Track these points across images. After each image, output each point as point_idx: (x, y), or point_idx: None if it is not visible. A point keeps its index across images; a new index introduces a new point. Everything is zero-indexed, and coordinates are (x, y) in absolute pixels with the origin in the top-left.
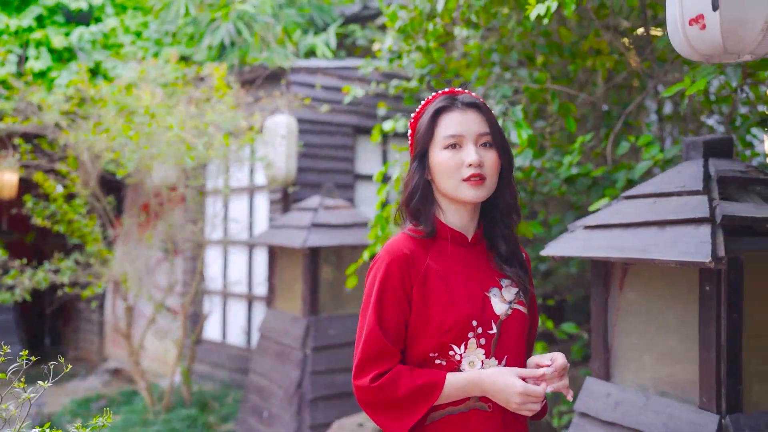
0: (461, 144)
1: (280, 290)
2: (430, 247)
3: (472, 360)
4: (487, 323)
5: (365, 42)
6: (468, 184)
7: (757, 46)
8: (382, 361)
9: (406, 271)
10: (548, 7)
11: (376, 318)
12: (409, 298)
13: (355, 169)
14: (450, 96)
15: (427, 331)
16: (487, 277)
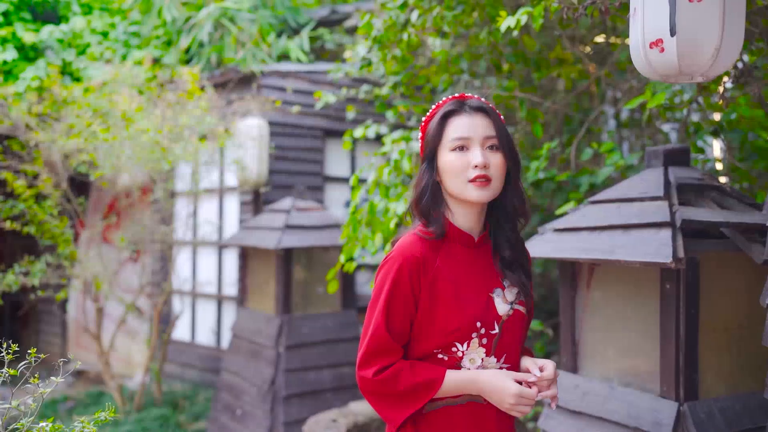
0: (468, 146)
1: (253, 290)
2: (439, 248)
3: (472, 357)
4: (490, 323)
5: (333, 46)
6: (474, 185)
7: (708, 69)
8: (386, 356)
9: (416, 273)
10: (518, 20)
11: (384, 316)
12: (417, 300)
13: (325, 171)
14: (458, 100)
15: (433, 330)
16: (491, 277)
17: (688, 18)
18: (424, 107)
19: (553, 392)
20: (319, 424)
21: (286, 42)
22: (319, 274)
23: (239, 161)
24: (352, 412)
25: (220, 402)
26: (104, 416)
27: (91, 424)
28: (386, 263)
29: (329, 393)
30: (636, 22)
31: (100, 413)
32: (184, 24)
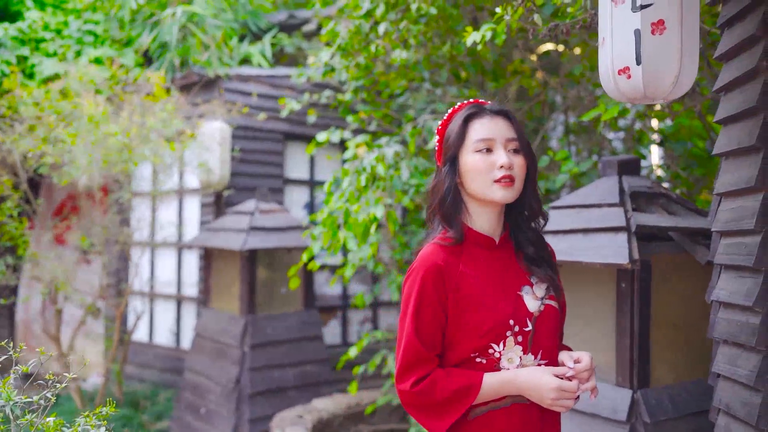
0: (492, 148)
1: (217, 291)
2: (461, 254)
3: (510, 357)
4: (523, 321)
5: (292, 50)
6: (499, 185)
7: (668, 94)
8: (420, 367)
9: (440, 281)
10: (483, 36)
11: (414, 328)
12: (445, 307)
13: (285, 173)
14: (478, 104)
15: (465, 334)
16: (517, 276)
17: (651, 49)
18: (384, 112)
19: (591, 384)
20: (285, 420)
21: (247, 47)
22: (282, 274)
23: (205, 164)
24: (316, 409)
25: (184, 401)
26: (106, 411)
27: (93, 418)
28: (410, 275)
29: (293, 391)
30: (605, 51)
31: (100, 408)
32: (147, 20)
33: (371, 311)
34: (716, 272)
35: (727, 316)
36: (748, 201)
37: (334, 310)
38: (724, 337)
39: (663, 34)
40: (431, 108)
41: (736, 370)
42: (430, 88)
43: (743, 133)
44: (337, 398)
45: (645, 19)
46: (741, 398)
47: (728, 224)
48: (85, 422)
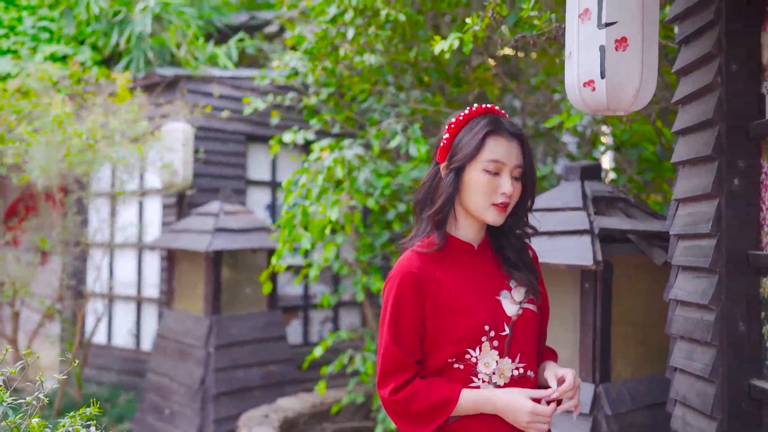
0: (500, 172)
1: (180, 292)
2: (439, 260)
3: (487, 361)
4: (500, 325)
5: (253, 51)
6: (495, 209)
7: (630, 106)
8: (399, 374)
9: (416, 288)
10: (451, 45)
11: (391, 334)
12: (422, 314)
13: (247, 175)
14: (497, 118)
15: (443, 341)
16: (496, 281)
17: (614, 64)
18: (347, 115)
19: (573, 403)
20: (252, 419)
21: (213, 48)
22: (246, 275)
23: (170, 165)
24: (282, 408)
25: (147, 403)
26: (89, 412)
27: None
28: (387, 283)
29: (258, 390)
30: (572, 64)
31: (84, 409)
32: (112, 17)
33: (333, 311)
34: (674, 272)
35: (683, 313)
36: (704, 207)
37: (295, 310)
38: (681, 334)
39: (626, 50)
40: (395, 111)
41: (692, 363)
42: (394, 92)
43: (700, 143)
44: (302, 397)
45: (609, 36)
46: (696, 390)
47: (686, 228)
48: (70, 423)
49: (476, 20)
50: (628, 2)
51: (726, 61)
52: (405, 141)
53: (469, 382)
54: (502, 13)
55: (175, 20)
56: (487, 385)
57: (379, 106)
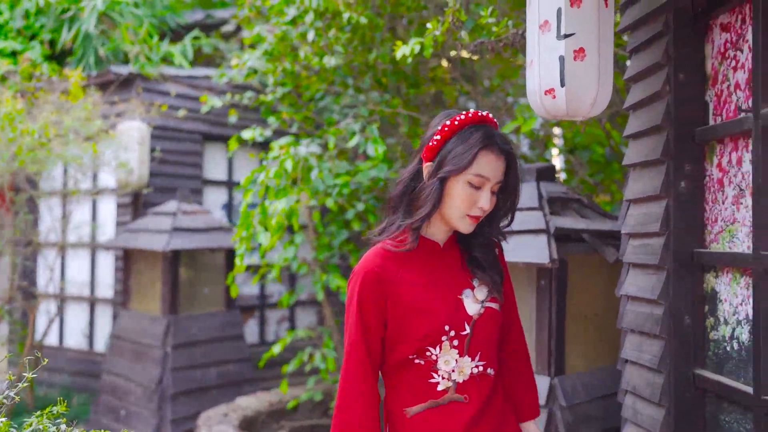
0: (482, 186)
1: (137, 292)
2: (403, 257)
3: (447, 359)
4: (460, 325)
5: (209, 50)
6: (469, 219)
7: (588, 113)
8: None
9: (379, 286)
10: (412, 49)
11: (356, 332)
12: (384, 312)
13: (203, 174)
14: (491, 131)
15: (404, 338)
16: (459, 279)
17: (573, 72)
18: (305, 114)
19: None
20: (212, 418)
21: (168, 46)
22: (204, 275)
23: (126, 164)
24: (241, 407)
25: (102, 404)
26: (56, 410)
27: (44, 419)
28: (351, 278)
29: (215, 390)
30: (533, 72)
31: (51, 407)
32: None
33: (289, 311)
34: (625, 270)
35: (634, 308)
36: (653, 207)
37: (252, 309)
38: (632, 327)
39: (584, 60)
40: (353, 112)
41: (641, 355)
42: (352, 93)
43: (649, 147)
44: (260, 396)
45: (568, 47)
46: (646, 380)
47: (636, 227)
48: (37, 422)
49: (436, 25)
50: (585, 15)
51: (673, 71)
52: (363, 141)
53: (429, 377)
54: (461, 18)
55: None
56: (446, 382)
57: (337, 107)
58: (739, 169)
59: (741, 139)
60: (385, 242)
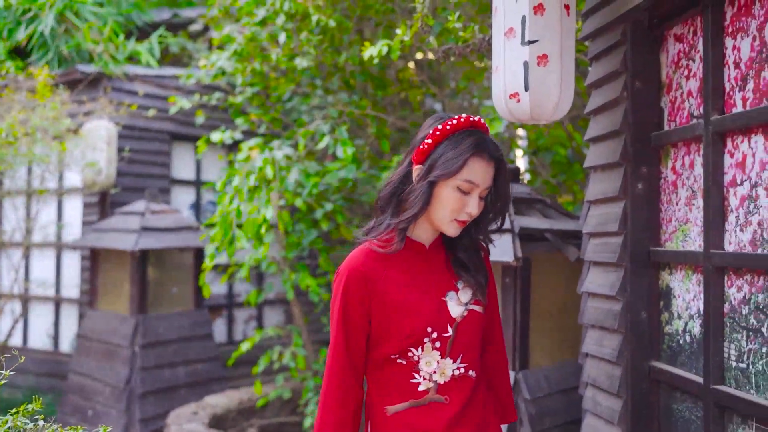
0: (471, 192)
1: (104, 291)
2: (389, 258)
3: (428, 360)
4: (443, 327)
5: (177, 49)
6: (456, 224)
7: (551, 117)
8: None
9: (363, 286)
10: (380, 51)
11: (339, 331)
12: (368, 311)
13: (171, 174)
14: (482, 137)
15: (388, 337)
16: (443, 281)
17: (537, 78)
18: (273, 116)
19: None
20: (181, 417)
21: (134, 44)
22: (173, 274)
23: (94, 163)
24: (210, 405)
25: (69, 405)
26: (32, 408)
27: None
28: (336, 277)
29: (184, 389)
30: (498, 77)
31: (26, 405)
32: (22, 15)
33: (257, 310)
34: (586, 268)
35: (594, 304)
36: (612, 208)
37: (220, 309)
38: (592, 323)
39: (547, 66)
40: (323, 113)
41: (601, 349)
42: (321, 94)
43: (608, 151)
44: (229, 394)
45: (532, 53)
46: (605, 372)
47: (596, 227)
48: (12, 420)
49: (405, 30)
50: (548, 23)
51: (631, 78)
52: (332, 142)
53: (411, 378)
54: (428, 23)
55: (86, 18)
56: (427, 383)
57: (306, 108)
58: (691, 172)
59: (693, 143)
60: (371, 242)
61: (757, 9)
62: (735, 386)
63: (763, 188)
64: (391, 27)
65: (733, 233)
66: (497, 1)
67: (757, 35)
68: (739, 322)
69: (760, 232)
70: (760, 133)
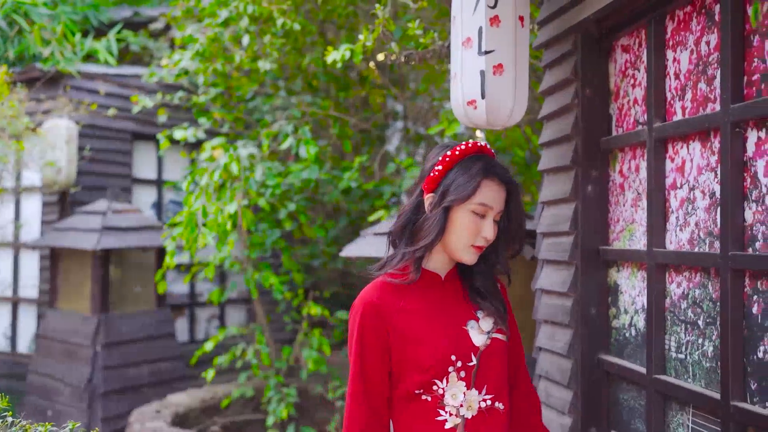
0: (486, 215)
1: (65, 291)
2: (404, 290)
3: (454, 393)
4: (467, 356)
5: (137, 48)
6: (474, 250)
7: (506, 122)
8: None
9: (379, 319)
10: (342, 55)
11: (359, 369)
12: (387, 345)
13: (133, 173)
14: (491, 161)
15: (409, 370)
16: (463, 310)
17: (493, 86)
18: (236, 115)
19: None
20: (144, 415)
21: (92, 42)
22: (135, 273)
23: (53, 163)
24: (173, 404)
25: (29, 405)
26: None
27: None
28: (351, 312)
29: (147, 388)
30: (457, 84)
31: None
32: None
33: (219, 309)
34: (540, 266)
35: (547, 301)
36: (564, 209)
37: (182, 308)
38: (545, 318)
39: (502, 75)
40: (286, 114)
41: (553, 343)
42: (284, 95)
43: (560, 155)
44: (192, 393)
45: (488, 62)
46: (557, 365)
47: (549, 227)
48: None
49: (367, 36)
50: (503, 33)
51: (581, 86)
52: (295, 142)
53: (437, 415)
54: (389, 28)
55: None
56: (455, 419)
57: (269, 108)
58: (637, 175)
59: (638, 148)
60: (385, 275)
61: (695, 24)
62: (675, 376)
63: (699, 191)
64: (354, 30)
65: (673, 233)
66: (455, 11)
67: (695, 49)
68: (678, 315)
69: (697, 232)
70: (696, 140)
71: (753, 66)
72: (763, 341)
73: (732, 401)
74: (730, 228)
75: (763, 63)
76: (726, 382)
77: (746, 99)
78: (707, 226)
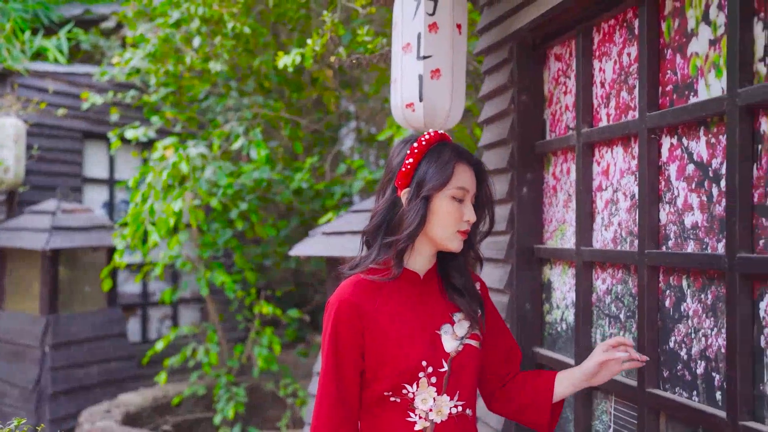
0: (464, 199)
1: (13, 292)
2: (381, 289)
3: (424, 397)
4: (438, 362)
5: (89, 47)
6: (459, 235)
7: (443, 125)
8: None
9: (354, 317)
10: (293, 59)
11: (330, 367)
12: (361, 344)
13: (84, 172)
14: (457, 146)
15: (381, 373)
16: (438, 313)
17: (430, 90)
18: (188, 115)
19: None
20: (94, 415)
21: (41, 40)
22: (85, 273)
23: (2, 162)
24: (124, 403)
25: None
26: None
27: None
28: (326, 309)
29: (97, 388)
30: (396, 88)
31: None
32: None
33: (172, 309)
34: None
35: None
36: (501, 210)
37: (134, 308)
38: None
39: (439, 79)
40: (238, 115)
41: None
42: (236, 96)
43: (498, 157)
44: (143, 392)
45: (426, 67)
46: None
47: None
48: None
49: (316, 41)
50: (440, 40)
51: (517, 92)
52: (247, 143)
53: (406, 416)
54: (338, 33)
55: None
56: (424, 422)
57: (221, 108)
58: (568, 177)
59: (569, 152)
60: (364, 272)
61: (618, 36)
62: None
63: (622, 193)
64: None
65: (599, 232)
66: (397, 17)
67: (618, 59)
68: (603, 310)
69: (620, 231)
70: (619, 145)
71: (666, 77)
72: (674, 333)
73: (647, 388)
74: (647, 227)
75: (675, 75)
76: (642, 371)
77: (661, 108)
78: (628, 226)
